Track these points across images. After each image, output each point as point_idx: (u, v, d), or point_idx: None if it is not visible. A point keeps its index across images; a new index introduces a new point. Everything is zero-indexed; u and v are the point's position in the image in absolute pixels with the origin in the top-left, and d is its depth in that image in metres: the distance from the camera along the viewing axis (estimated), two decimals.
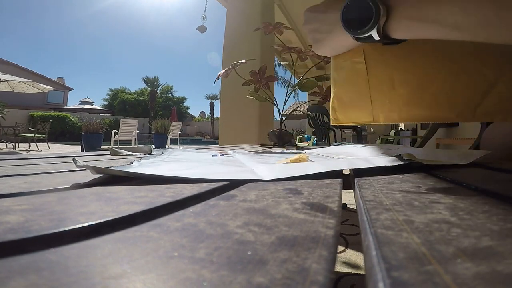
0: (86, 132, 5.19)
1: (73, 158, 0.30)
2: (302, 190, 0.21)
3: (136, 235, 0.11)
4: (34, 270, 0.08)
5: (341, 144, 1.48)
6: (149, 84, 19.06)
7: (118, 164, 0.36)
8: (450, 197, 0.18)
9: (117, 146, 0.67)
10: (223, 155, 0.53)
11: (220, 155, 0.53)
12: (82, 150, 5.04)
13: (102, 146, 5.20)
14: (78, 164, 0.26)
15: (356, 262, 0.95)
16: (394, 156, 0.40)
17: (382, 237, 0.11)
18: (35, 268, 0.09)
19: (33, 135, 6.48)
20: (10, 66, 15.49)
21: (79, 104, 18.22)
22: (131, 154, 0.54)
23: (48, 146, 6.86)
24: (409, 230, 0.12)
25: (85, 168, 0.26)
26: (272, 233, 0.12)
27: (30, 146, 6.83)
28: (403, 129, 6.37)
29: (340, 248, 1.07)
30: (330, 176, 0.28)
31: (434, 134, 3.91)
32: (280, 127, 1.07)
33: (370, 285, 0.08)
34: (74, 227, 0.12)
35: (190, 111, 23.93)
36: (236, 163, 0.39)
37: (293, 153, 0.65)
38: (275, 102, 1.04)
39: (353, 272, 0.88)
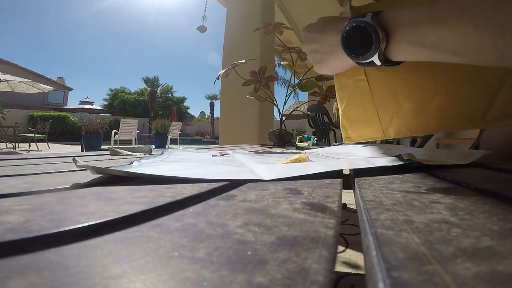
0: (86, 132, 5.19)
1: (73, 158, 0.30)
2: (302, 190, 0.21)
3: (136, 235, 0.11)
4: (34, 270, 0.08)
5: (341, 144, 1.49)
6: (149, 84, 19.06)
7: (118, 164, 0.36)
8: (450, 197, 0.18)
9: (117, 146, 0.67)
10: (223, 155, 0.53)
11: (220, 155, 0.53)
12: (82, 150, 5.04)
13: (102, 146, 5.20)
14: (78, 164, 0.26)
15: (356, 262, 0.95)
16: (394, 156, 0.40)
17: (382, 237, 0.11)
18: (35, 268, 0.09)
19: (33, 135, 6.48)
20: (10, 66, 15.49)
21: (79, 104, 18.22)
22: (131, 154, 0.54)
23: (48, 146, 6.86)
24: (409, 230, 0.12)
25: (85, 168, 0.26)
26: (272, 233, 0.12)
27: (30, 146, 6.83)
28: None
29: (340, 248, 1.07)
30: (330, 176, 0.28)
31: (434, 134, 3.91)
32: (280, 127, 1.07)
33: (370, 285, 0.08)
34: (74, 227, 0.12)
35: (190, 111, 23.95)
36: (236, 163, 0.39)
37: (293, 153, 0.65)
38: (275, 102, 1.04)
39: (353, 272, 0.88)
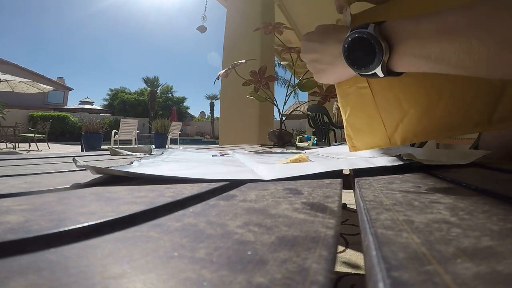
0: (86, 132, 5.18)
1: (73, 158, 0.30)
2: (302, 190, 0.21)
3: (136, 235, 0.11)
4: (34, 270, 0.08)
5: (341, 144, 1.48)
6: (149, 84, 19.06)
7: (118, 164, 0.36)
8: (450, 197, 0.18)
9: (117, 146, 0.67)
10: (223, 155, 0.53)
11: (220, 155, 0.53)
12: (82, 150, 5.04)
13: (102, 146, 5.20)
14: (78, 164, 0.26)
15: (356, 262, 0.95)
16: (394, 156, 0.40)
17: (382, 237, 0.11)
18: (35, 268, 0.09)
19: (33, 135, 6.48)
20: (10, 66, 15.49)
21: (79, 104, 18.22)
22: (131, 154, 0.54)
23: (48, 146, 6.86)
24: (409, 230, 0.12)
25: (85, 168, 0.26)
26: (272, 233, 0.12)
27: (30, 146, 6.83)
28: None
29: (340, 248, 1.07)
30: (330, 176, 0.28)
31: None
32: (280, 127, 1.07)
33: (370, 285, 0.08)
34: (74, 227, 0.12)
35: (190, 111, 23.94)
36: (236, 163, 0.39)
37: (293, 153, 0.65)
38: (275, 102, 1.04)
39: (353, 272, 0.88)
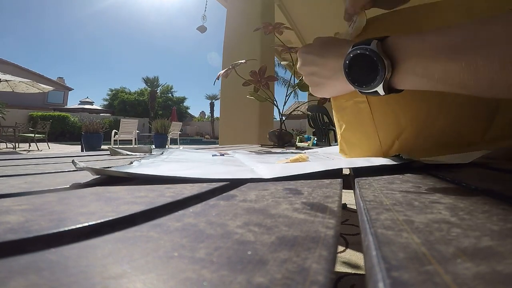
0: (86, 132, 5.18)
1: (72, 160, 0.30)
2: (302, 190, 0.21)
3: (136, 235, 0.11)
4: (34, 270, 0.08)
5: None
6: (149, 84, 19.06)
7: (118, 164, 0.36)
8: (450, 197, 0.18)
9: (117, 146, 0.67)
10: (223, 155, 0.53)
11: (220, 155, 0.53)
12: (82, 150, 5.04)
13: (102, 146, 5.20)
14: (77, 166, 0.26)
15: (356, 262, 0.95)
16: (394, 156, 0.40)
17: (382, 237, 0.11)
18: (35, 268, 0.09)
19: (33, 135, 6.47)
20: (10, 66, 15.49)
21: (79, 104, 18.22)
22: (131, 154, 0.54)
23: (48, 146, 6.86)
24: (409, 230, 0.12)
25: (84, 169, 0.26)
26: (272, 233, 0.12)
27: (30, 146, 6.83)
28: None
29: (340, 248, 1.07)
30: (330, 176, 0.28)
31: None
32: (280, 127, 1.07)
33: (370, 285, 0.08)
34: (74, 227, 0.12)
35: (190, 111, 23.95)
36: (236, 163, 0.39)
37: (293, 153, 0.65)
38: (275, 102, 1.04)
39: (353, 272, 0.88)
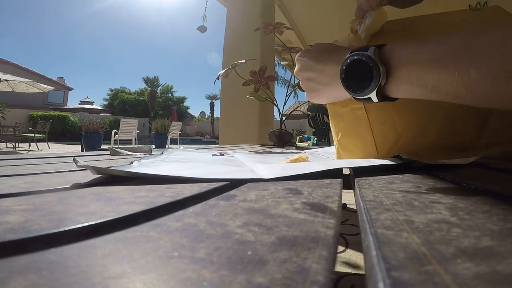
0: (86, 132, 5.18)
1: (73, 158, 0.30)
2: (302, 190, 0.21)
3: (136, 235, 0.11)
4: (34, 270, 0.08)
5: None
6: (149, 84, 19.06)
7: (118, 164, 0.36)
8: (450, 197, 0.18)
9: (117, 146, 0.67)
10: (223, 155, 0.53)
11: (220, 155, 0.53)
12: (82, 150, 5.04)
13: (102, 146, 5.20)
14: (78, 164, 0.26)
15: (356, 262, 0.95)
16: (394, 156, 0.40)
17: (382, 237, 0.11)
18: (35, 268, 0.09)
19: (33, 135, 6.47)
20: (10, 66, 15.49)
21: (79, 104, 18.22)
22: (131, 154, 0.54)
23: (48, 146, 6.86)
24: (409, 230, 0.12)
25: (85, 168, 0.26)
26: (272, 233, 0.12)
27: (30, 146, 6.82)
28: None
29: (340, 248, 1.07)
30: (330, 176, 0.28)
31: None
32: (280, 127, 1.07)
33: (370, 285, 0.08)
34: (74, 227, 0.12)
35: (190, 111, 23.95)
36: (236, 163, 0.39)
37: (293, 153, 0.65)
38: (275, 102, 1.04)
39: (353, 272, 0.88)
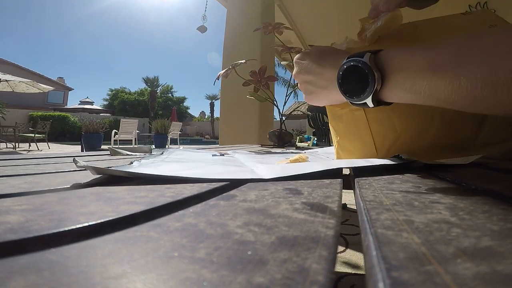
0: (86, 132, 5.18)
1: (73, 158, 0.30)
2: (302, 190, 0.21)
3: (136, 235, 0.11)
4: (34, 270, 0.08)
5: None
6: (149, 84, 19.07)
7: (118, 164, 0.36)
8: (450, 197, 0.18)
9: (117, 146, 0.67)
10: (223, 155, 0.53)
11: (220, 155, 0.53)
12: (82, 150, 5.04)
13: (102, 146, 5.20)
14: (78, 164, 0.26)
15: (356, 262, 0.95)
16: (394, 156, 0.40)
17: (382, 237, 0.11)
18: (35, 268, 0.09)
19: (33, 135, 6.47)
20: (10, 66, 15.49)
21: (79, 104, 18.23)
22: (131, 154, 0.54)
23: (48, 146, 6.86)
24: (409, 230, 0.12)
25: (85, 168, 0.26)
26: (272, 233, 0.12)
27: (30, 146, 6.83)
28: None
29: (340, 248, 1.07)
30: (330, 176, 0.28)
31: None
32: (280, 127, 1.07)
33: (370, 285, 0.08)
34: (74, 227, 0.12)
35: (190, 111, 23.95)
36: (236, 163, 0.39)
37: (293, 153, 0.65)
38: (275, 102, 1.04)
39: (353, 272, 0.88)
